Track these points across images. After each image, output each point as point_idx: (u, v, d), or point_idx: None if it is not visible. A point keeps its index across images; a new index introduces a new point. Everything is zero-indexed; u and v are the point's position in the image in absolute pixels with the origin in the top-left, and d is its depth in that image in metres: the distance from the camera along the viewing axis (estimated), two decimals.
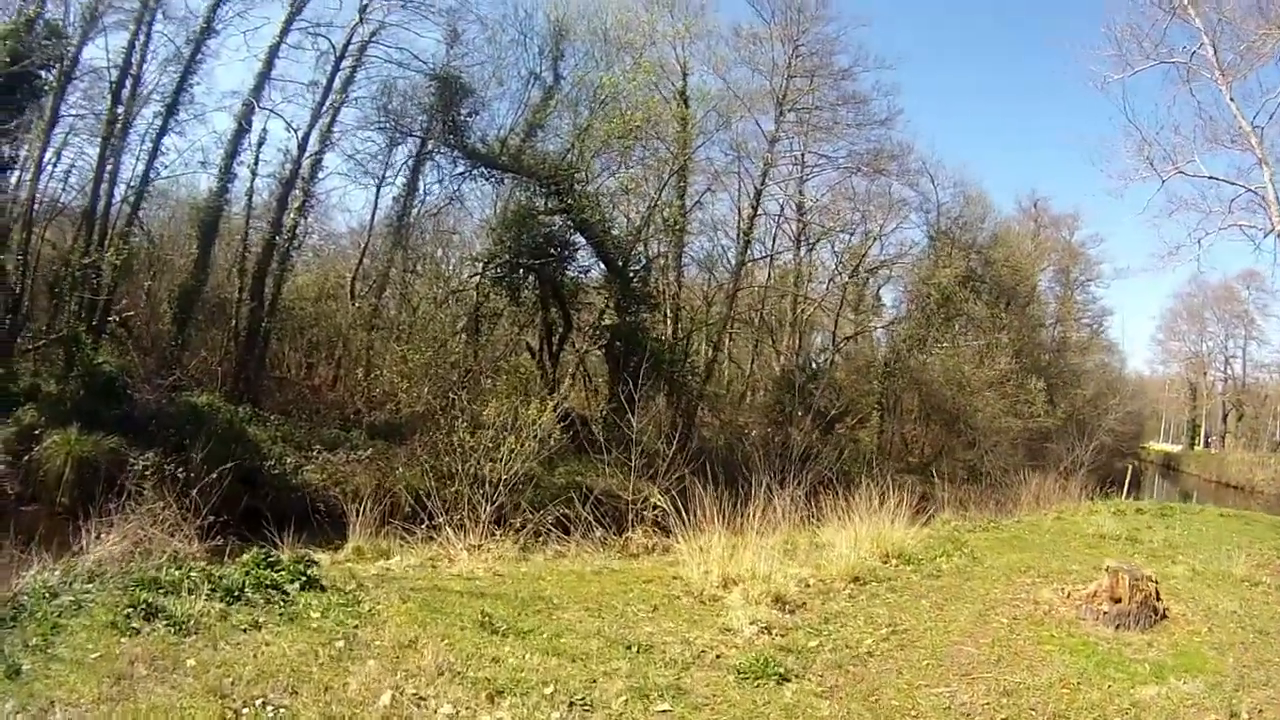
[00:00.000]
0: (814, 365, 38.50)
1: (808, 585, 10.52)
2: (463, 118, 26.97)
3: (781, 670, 7.26)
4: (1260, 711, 7.42)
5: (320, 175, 27.22)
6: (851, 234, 40.56)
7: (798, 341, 40.32)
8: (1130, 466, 44.38)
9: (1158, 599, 10.23)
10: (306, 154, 25.79)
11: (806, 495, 14.04)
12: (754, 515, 11.97)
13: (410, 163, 28.80)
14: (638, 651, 7.42)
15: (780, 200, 38.53)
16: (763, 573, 9.92)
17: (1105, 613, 9.89)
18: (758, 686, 6.97)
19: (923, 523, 14.99)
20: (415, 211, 29.32)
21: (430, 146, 27.81)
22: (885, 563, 12.24)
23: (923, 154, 41.56)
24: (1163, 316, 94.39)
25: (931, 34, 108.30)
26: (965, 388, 38.28)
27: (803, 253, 39.97)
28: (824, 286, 41.08)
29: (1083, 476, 27.53)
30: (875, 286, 44.39)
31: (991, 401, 38.52)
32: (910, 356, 38.09)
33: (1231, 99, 18.46)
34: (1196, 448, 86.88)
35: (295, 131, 25.73)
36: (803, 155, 36.93)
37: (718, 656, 7.70)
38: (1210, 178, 19.88)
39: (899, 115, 39.62)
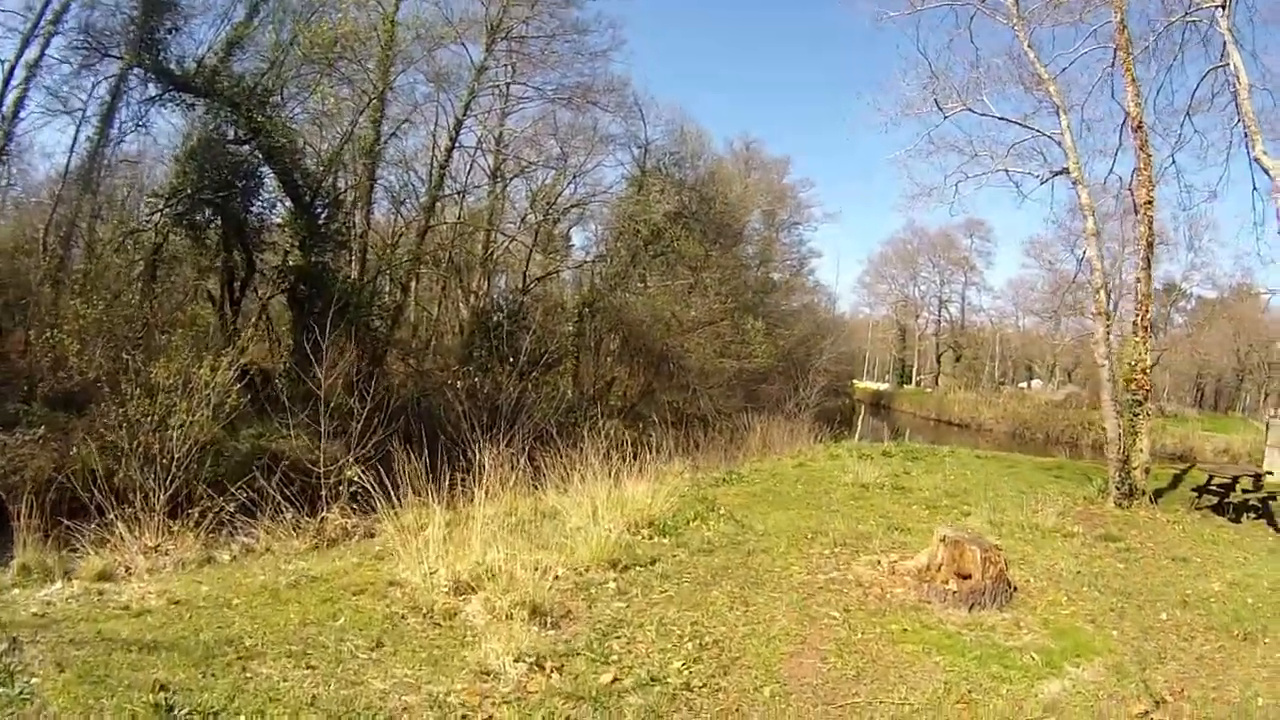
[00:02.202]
0: (510, 306, 38.83)
1: (559, 578, 8.86)
2: (162, 34, 26.79)
3: None
4: (1182, 691, 7.35)
5: (22, 114, 26.29)
6: (551, 169, 42.53)
7: (487, 283, 41.81)
8: (860, 407, 47.49)
9: (1005, 568, 9.63)
10: (11, 88, 25.12)
11: (521, 452, 12.79)
12: (470, 482, 10.87)
13: (108, 93, 27.46)
14: None
15: (479, 134, 39.78)
16: (502, 566, 8.23)
17: (954, 592, 9.17)
18: None
19: (654, 476, 13.75)
20: (110, 149, 28.11)
21: (126, 69, 26.85)
22: (636, 535, 11.07)
23: (638, 90, 45.11)
24: (870, 261, 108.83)
25: None
26: (675, 327, 40.69)
27: (498, 189, 41.58)
28: (516, 225, 43.32)
29: (807, 418, 29.03)
30: (567, 226, 47.21)
31: (704, 342, 41.26)
32: (612, 295, 39.78)
33: (1030, 45, 19.77)
34: (906, 386, 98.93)
35: (2, 65, 25.06)
36: (508, 86, 38.70)
37: None
38: (1000, 118, 21.19)
39: (621, 46, 44.37)
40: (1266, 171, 17.38)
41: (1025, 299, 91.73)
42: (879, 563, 10.39)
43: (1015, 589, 9.59)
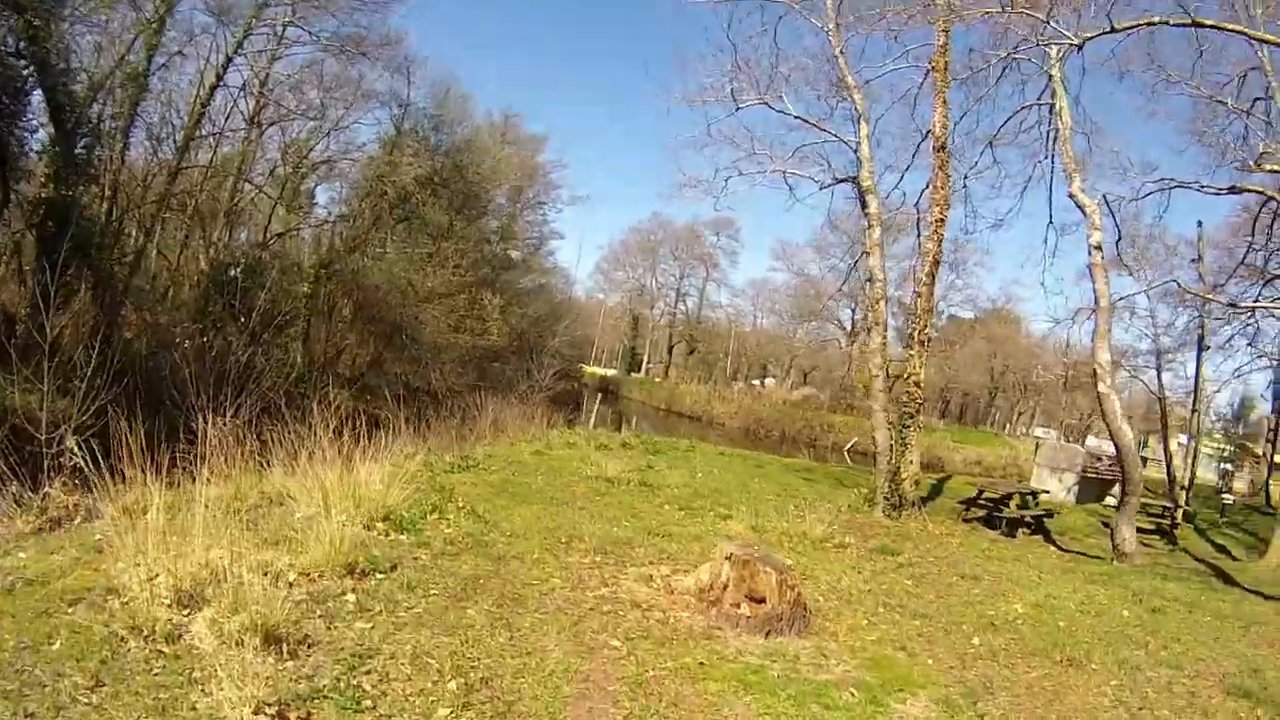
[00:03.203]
0: (248, 261, 37.36)
1: (292, 586, 7.34)
2: None
3: None
4: None
5: None
6: (311, 120, 41.60)
7: (229, 235, 40.22)
8: (591, 392, 48.03)
9: (802, 592, 8.88)
10: None
11: (248, 424, 11.17)
12: (196, 458, 9.52)
13: None
14: None
15: (246, 75, 38.43)
16: (229, 569, 6.70)
17: (747, 617, 8.27)
18: None
19: (387, 458, 12.39)
20: None
21: None
22: (372, 530, 9.57)
23: (411, 47, 43.74)
24: (611, 248, 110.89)
25: None
26: (410, 296, 40.52)
27: (254, 136, 40.08)
28: (265, 176, 42.33)
29: (541, 401, 29.08)
30: (314, 183, 47.00)
31: (439, 315, 41.48)
32: (350, 257, 39.47)
33: (841, 52, 20.05)
34: (635, 375, 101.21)
35: None
36: (284, 28, 36.86)
37: None
38: (797, 117, 21.35)
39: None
40: (1082, 209, 18.43)
41: (768, 299, 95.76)
42: (651, 578, 9.38)
43: (809, 612, 8.76)
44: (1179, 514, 23.00)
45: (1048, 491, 23.82)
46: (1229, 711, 7.78)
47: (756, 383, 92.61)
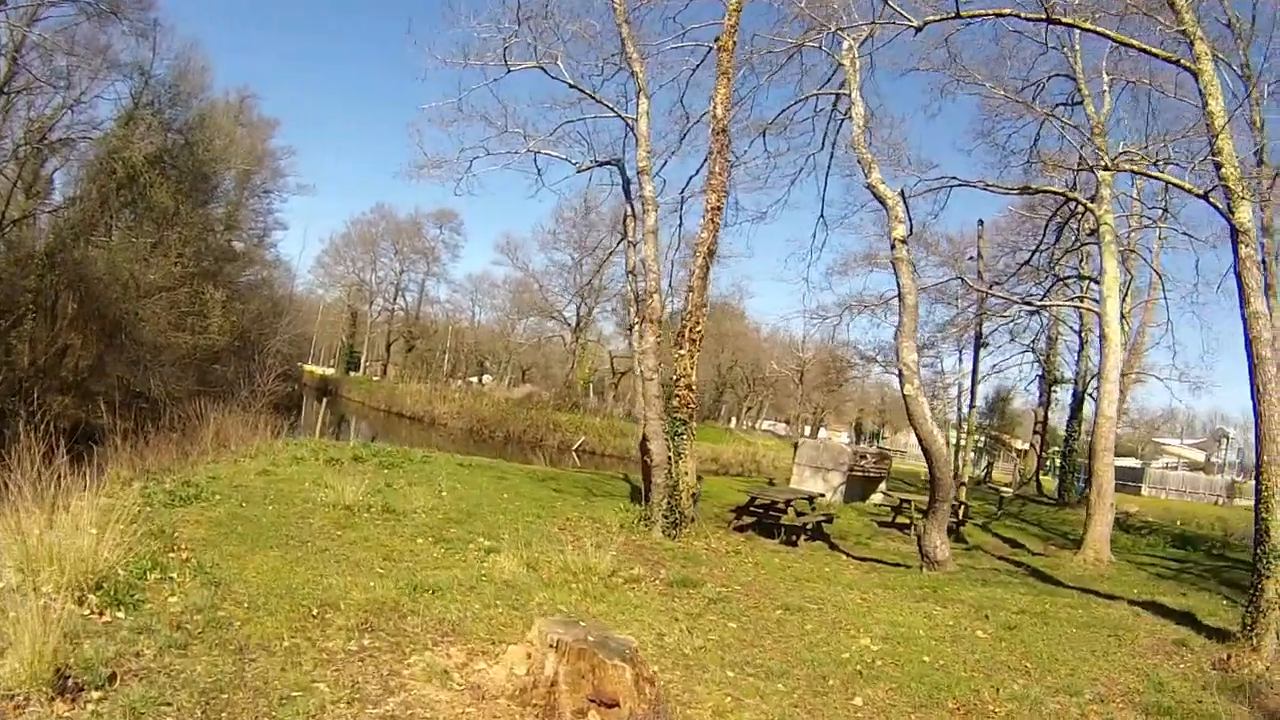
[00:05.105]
0: None
1: None
2: None
3: None
4: None
5: None
6: (58, 88, 36.71)
7: None
8: (317, 393, 46.37)
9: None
10: None
11: None
12: None
13: None
14: None
15: (3, 39, 33.91)
16: None
17: None
18: None
19: (102, 489, 10.26)
20: None
21: None
22: (84, 605, 7.15)
23: (159, 12, 39.68)
24: (333, 240, 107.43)
25: None
26: (132, 290, 37.04)
27: (2, 106, 35.21)
28: (7, 158, 36.82)
29: (264, 407, 26.73)
30: (55, 165, 41.28)
31: (160, 311, 38.02)
32: (76, 246, 35.61)
33: (626, 20, 18.48)
34: (354, 374, 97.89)
35: None
36: None
37: None
38: (573, 87, 19.77)
39: None
40: (882, 201, 17.54)
41: (488, 295, 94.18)
42: (447, 673, 6.94)
43: (667, 701, 6.78)
44: (961, 510, 23.01)
45: (823, 495, 23.31)
46: None
47: (475, 380, 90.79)
